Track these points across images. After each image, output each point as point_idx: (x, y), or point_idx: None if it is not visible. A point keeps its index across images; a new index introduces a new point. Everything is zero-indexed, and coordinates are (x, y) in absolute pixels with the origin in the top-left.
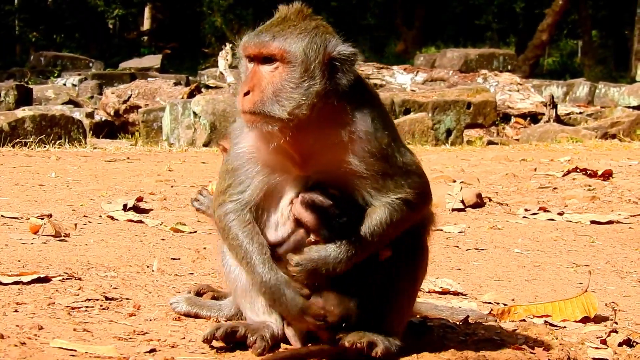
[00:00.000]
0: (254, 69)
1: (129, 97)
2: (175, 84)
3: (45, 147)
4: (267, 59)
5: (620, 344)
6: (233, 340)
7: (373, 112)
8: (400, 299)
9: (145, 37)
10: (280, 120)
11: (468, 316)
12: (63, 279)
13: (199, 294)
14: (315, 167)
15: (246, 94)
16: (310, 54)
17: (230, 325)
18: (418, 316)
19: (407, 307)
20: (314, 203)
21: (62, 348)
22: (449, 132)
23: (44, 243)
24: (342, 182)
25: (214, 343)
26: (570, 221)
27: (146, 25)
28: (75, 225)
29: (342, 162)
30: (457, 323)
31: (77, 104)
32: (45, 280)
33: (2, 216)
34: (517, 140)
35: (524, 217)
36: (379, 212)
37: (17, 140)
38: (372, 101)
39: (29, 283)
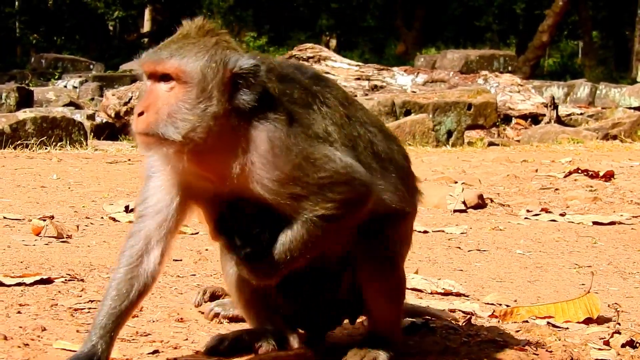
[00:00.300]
0: (150, 88)
1: (130, 99)
2: None
3: (46, 149)
4: (164, 78)
5: (623, 345)
6: (238, 349)
7: (276, 134)
8: (386, 302)
9: (146, 39)
10: (174, 144)
11: (471, 317)
12: (66, 280)
13: (214, 296)
14: (231, 186)
15: (140, 114)
16: (208, 73)
17: (233, 337)
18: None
19: (397, 307)
20: (221, 229)
21: (65, 349)
22: (449, 133)
23: (46, 244)
24: (259, 202)
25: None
26: (572, 222)
27: (146, 27)
28: (77, 226)
29: (247, 188)
30: (460, 324)
31: (78, 106)
32: (48, 281)
33: (4, 218)
34: (518, 141)
35: (525, 218)
36: (294, 229)
37: (19, 142)
38: (279, 120)
39: (31, 284)
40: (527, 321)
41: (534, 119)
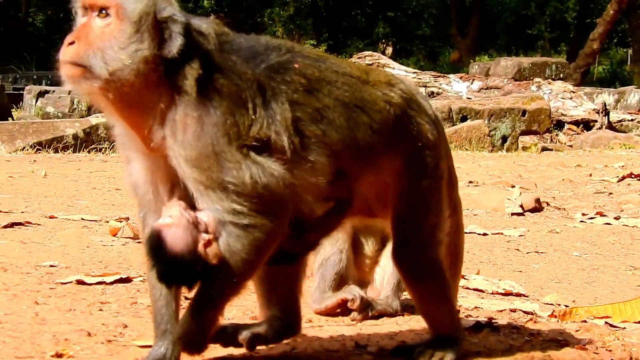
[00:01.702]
0: (86, 22)
1: None
2: None
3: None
4: (101, 13)
5: None
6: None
7: (194, 114)
8: (430, 302)
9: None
10: (100, 80)
11: (532, 317)
12: (144, 279)
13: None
14: (157, 151)
15: (71, 44)
16: (143, 15)
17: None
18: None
19: (443, 305)
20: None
21: (145, 346)
22: (504, 138)
23: (123, 245)
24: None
25: None
26: (627, 225)
27: None
28: None
29: (166, 156)
30: (522, 323)
31: None
32: (127, 280)
33: (82, 219)
34: (571, 146)
35: (581, 221)
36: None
37: (92, 146)
38: (204, 100)
39: (111, 283)
40: (585, 321)
41: (586, 124)
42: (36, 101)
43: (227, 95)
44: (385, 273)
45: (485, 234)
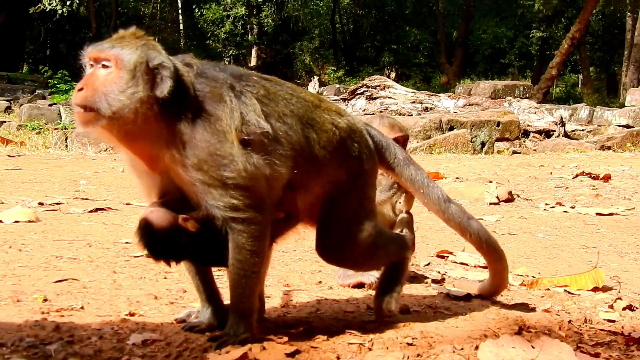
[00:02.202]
0: (92, 72)
1: None
2: None
3: None
4: (104, 64)
5: (624, 309)
6: None
7: (187, 128)
8: (374, 259)
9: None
10: (105, 118)
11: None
12: None
13: None
14: (161, 171)
15: (80, 90)
16: (137, 64)
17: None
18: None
19: (382, 251)
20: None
21: None
22: (483, 144)
23: None
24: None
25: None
26: (580, 213)
27: (253, 62)
28: None
29: (173, 176)
30: None
31: None
32: None
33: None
34: (535, 150)
35: (544, 209)
36: (231, 243)
37: None
38: (193, 115)
39: None
40: (548, 289)
41: (547, 133)
42: None
43: (209, 98)
44: None
45: None
